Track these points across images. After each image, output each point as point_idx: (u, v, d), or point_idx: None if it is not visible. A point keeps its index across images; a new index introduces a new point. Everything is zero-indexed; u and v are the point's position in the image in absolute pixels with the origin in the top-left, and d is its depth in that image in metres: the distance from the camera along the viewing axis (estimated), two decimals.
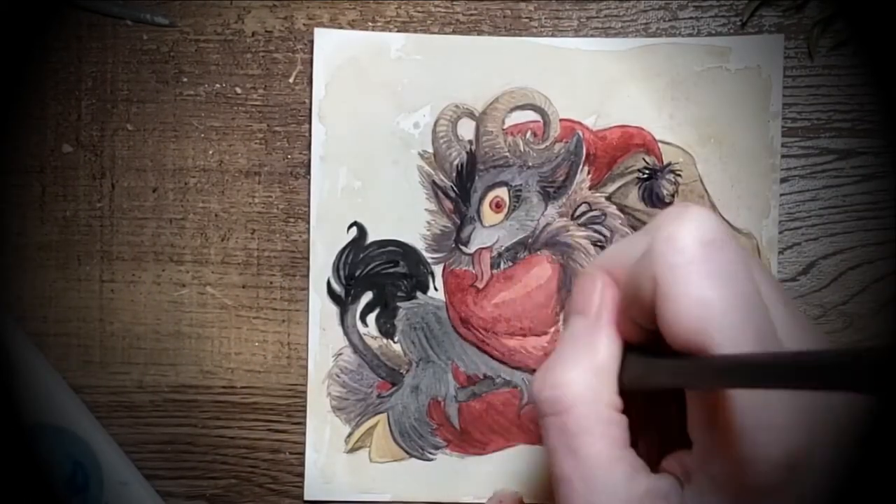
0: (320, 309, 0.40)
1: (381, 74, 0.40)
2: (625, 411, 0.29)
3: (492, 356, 0.40)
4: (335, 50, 0.40)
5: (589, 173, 0.40)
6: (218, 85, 0.41)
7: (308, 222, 0.40)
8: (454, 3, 0.40)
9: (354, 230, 0.40)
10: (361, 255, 0.40)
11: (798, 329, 0.27)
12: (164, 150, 0.41)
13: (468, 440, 0.40)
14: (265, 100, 0.40)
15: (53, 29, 0.40)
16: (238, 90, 0.41)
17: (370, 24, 0.40)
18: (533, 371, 0.40)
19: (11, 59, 0.40)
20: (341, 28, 0.40)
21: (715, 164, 0.40)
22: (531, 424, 0.40)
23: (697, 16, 0.40)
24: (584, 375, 0.29)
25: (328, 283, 0.40)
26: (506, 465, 0.40)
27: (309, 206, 0.40)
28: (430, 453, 0.40)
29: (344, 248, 0.40)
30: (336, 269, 0.40)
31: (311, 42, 0.40)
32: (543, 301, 0.40)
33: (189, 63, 0.40)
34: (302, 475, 0.41)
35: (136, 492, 0.40)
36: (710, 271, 0.26)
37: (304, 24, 0.40)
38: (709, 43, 0.39)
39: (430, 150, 0.40)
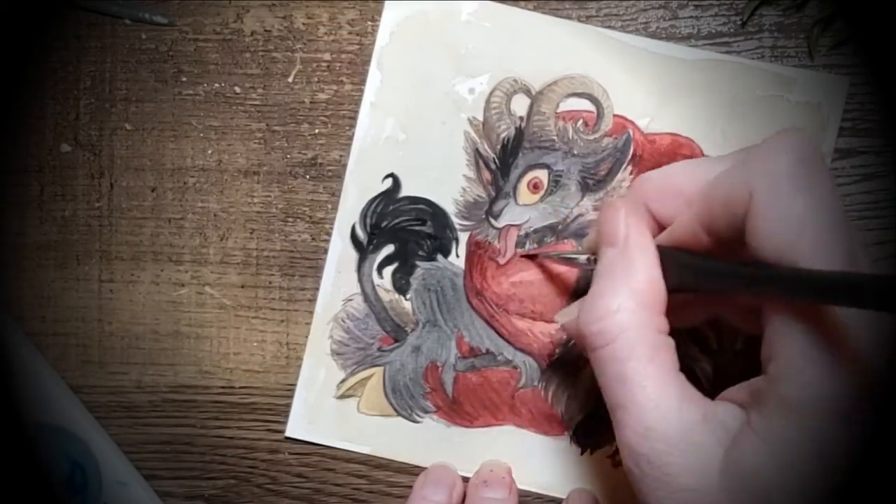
0: (340, 251, 0.40)
1: (448, 34, 0.40)
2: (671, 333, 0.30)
3: (499, 333, 0.40)
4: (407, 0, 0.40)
5: (631, 173, 0.40)
6: (217, 84, 0.40)
7: (310, 221, 0.40)
8: None
9: (389, 181, 0.40)
10: (391, 208, 0.40)
11: (867, 257, 0.28)
12: (163, 150, 0.41)
13: (458, 410, 0.40)
14: (264, 99, 0.40)
15: (52, 28, 0.40)
16: (237, 89, 0.40)
17: (369, 23, 0.40)
18: (535, 357, 0.40)
19: (11, 58, 0.40)
20: (341, 27, 0.40)
21: None
22: (523, 408, 0.40)
23: (697, 15, 0.40)
24: (626, 303, 0.30)
25: (353, 228, 0.40)
26: (490, 443, 0.40)
27: (349, 151, 0.40)
28: (418, 415, 0.40)
29: (375, 197, 0.40)
30: (364, 215, 0.40)
31: (311, 41, 0.40)
32: (560, 290, 0.40)
33: (188, 62, 0.40)
34: (302, 475, 0.41)
35: (134, 492, 0.40)
36: (808, 187, 0.26)
37: (303, 24, 0.40)
38: (775, 70, 0.39)
39: (480, 118, 0.40)
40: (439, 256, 0.40)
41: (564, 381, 0.40)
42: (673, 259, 0.31)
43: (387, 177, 0.40)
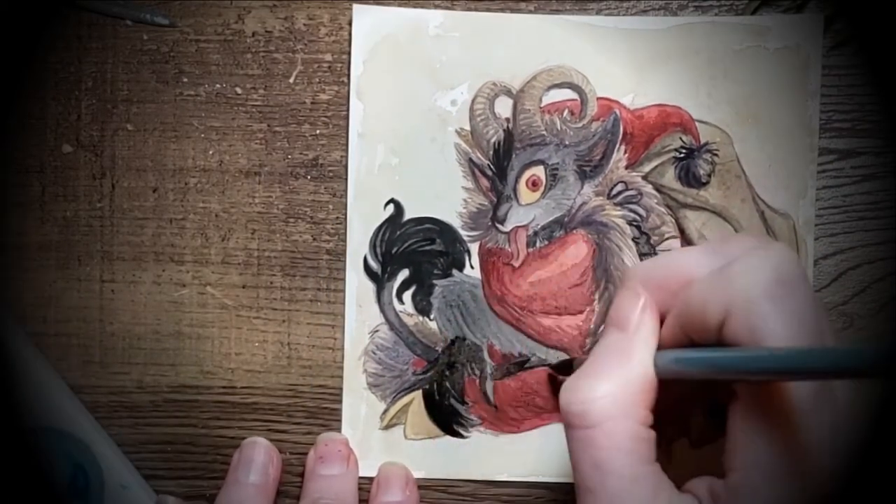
0: (357, 286, 0.40)
1: (420, 52, 0.40)
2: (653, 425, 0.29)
3: (527, 335, 0.40)
4: (373, 27, 0.40)
5: (625, 152, 0.40)
6: (218, 85, 0.40)
7: (311, 221, 0.41)
8: None
9: (391, 207, 0.40)
10: (398, 233, 0.40)
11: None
12: (165, 151, 0.41)
13: (503, 418, 0.40)
14: (265, 100, 0.40)
15: (54, 29, 0.40)
16: (238, 90, 0.40)
17: None
18: (568, 351, 0.40)
19: (11, 58, 0.40)
20: (342, 28, 0.40)
21: (752, 143, 0.40)
22: None
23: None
24: (615, 390, 0.29)
25: (365, 260, 0.40)
26: (540, 444, 0.40)
27: (346, 183, 0.40)
28: (465, 431, 0.40)
29: (381, 226, 0.40)
30: (373, 245, 0.40)
31: (312, 42, 0.40)
32: (579, 280, 0.40)
33: (189, 63, 0.40)
34: (303, 475, 0.41)
35: (136, 495, 0.40)
36: (784, 312, 0.26)
37: (304, 25, 0.40)
38: (748, 22, 0.39)
39: (468, 127, 0.40)
40: (454, 271, 0.40)
41: None
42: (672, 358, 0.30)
43: (388, 203, 0.40)
